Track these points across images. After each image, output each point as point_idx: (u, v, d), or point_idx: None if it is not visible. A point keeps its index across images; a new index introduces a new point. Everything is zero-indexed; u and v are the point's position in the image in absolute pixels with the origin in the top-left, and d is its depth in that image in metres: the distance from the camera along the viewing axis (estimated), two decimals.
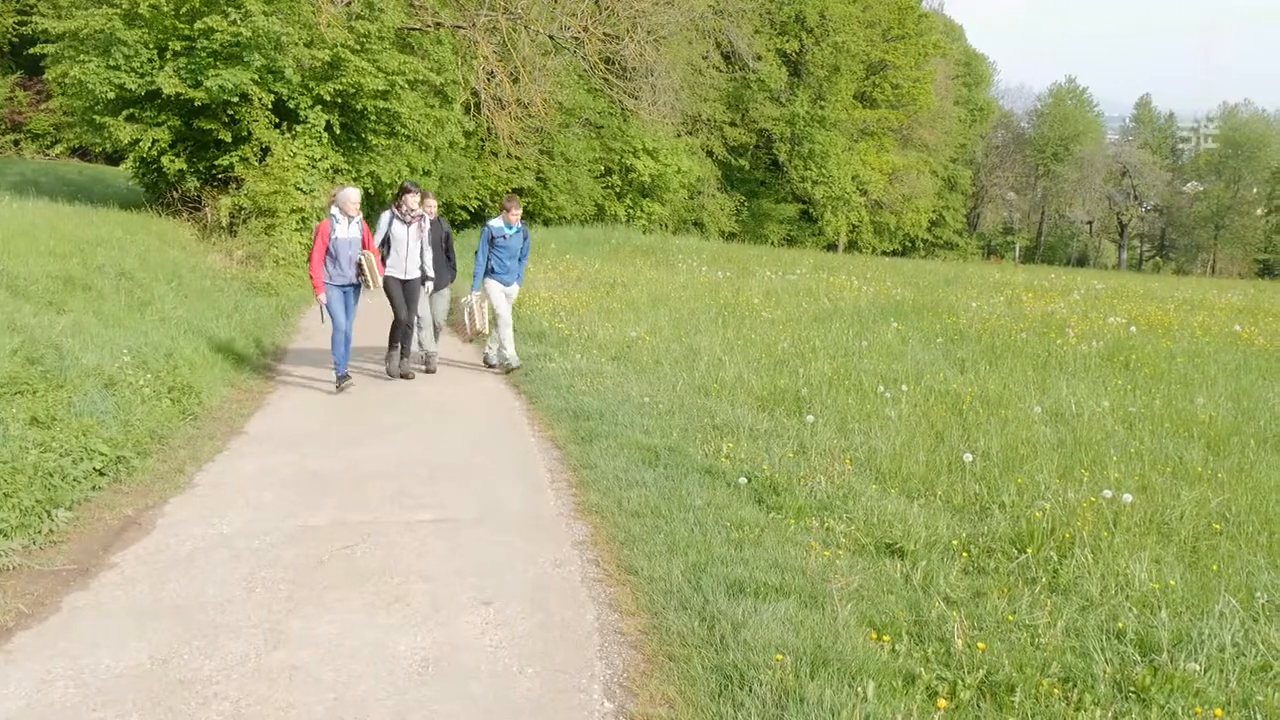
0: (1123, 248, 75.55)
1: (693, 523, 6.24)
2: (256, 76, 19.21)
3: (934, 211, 60.37)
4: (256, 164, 19.72)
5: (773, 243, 46.46)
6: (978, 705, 4.19)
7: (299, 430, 8.84)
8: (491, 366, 12.12)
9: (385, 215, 11.22)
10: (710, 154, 47.05)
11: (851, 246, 53.01)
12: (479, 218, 32.55)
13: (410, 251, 11.21)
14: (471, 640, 4.82)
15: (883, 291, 18.56)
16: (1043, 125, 73.17)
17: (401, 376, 11.33)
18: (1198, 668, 4.46)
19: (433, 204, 11.69)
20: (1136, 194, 72.41)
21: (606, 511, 6.64)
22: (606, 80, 31.41)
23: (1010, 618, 4.93)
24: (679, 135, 41.91)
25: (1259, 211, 71.52)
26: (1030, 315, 15.52)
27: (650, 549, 5.87)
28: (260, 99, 19.31)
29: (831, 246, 50.59)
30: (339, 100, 20.85)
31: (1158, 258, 77.81)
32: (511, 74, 27.70)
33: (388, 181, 23.51)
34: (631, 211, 39.50)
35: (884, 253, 53.50)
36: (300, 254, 18.48)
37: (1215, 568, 5.64)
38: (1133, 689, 4.32)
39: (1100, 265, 70.66)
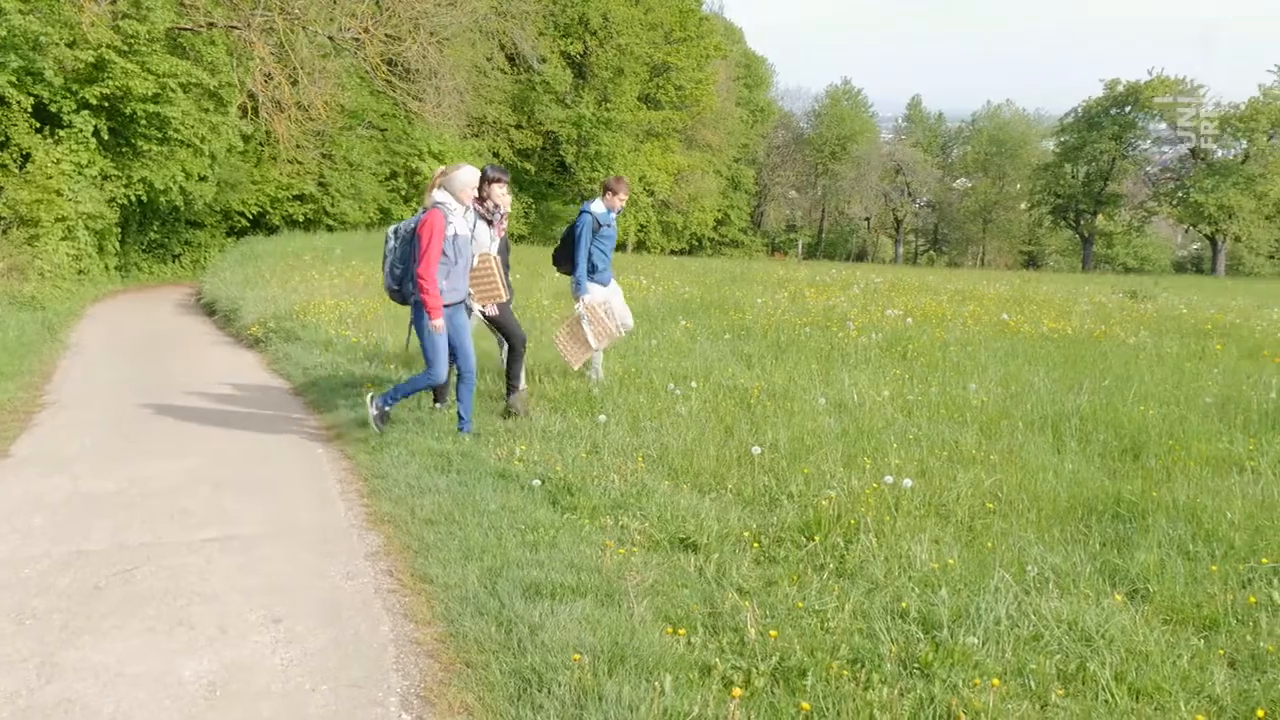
0: (899, 242, 78.44)
1: (487, 527, 6.21)
2: (14, 78, 18.25)
3: (719, 210, 61.52)
4: (17, 171, 18.72)
5: None
6: (772, 691, 4.28)
7: (70, 451, 8.44)
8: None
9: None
10: (497, 156, 46.85)
11: (640, 246, 53.57)
12: (259, 224, 31.62)
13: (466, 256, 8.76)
14: (261, 660, 4.68)
15: (671, 290, 18.81)
16: (821, 125, 75.36)
17: (524, 413, 8.99)
18: (976, 641, 4.65)
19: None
20: (910, 191, 75.30)
21: (399, 520, 6.55)
22: (389, 82, 30.98)
23: (800, 604, 5.05)
24: (465, 137, 41.61)
25: (1023, 206, 75.25)
26: (813, 310, 15.96)
27: (445, 556, 5.81)
28: (19, 102, 18.34)
29: (620, 247, 51.00)
30: (106, 104, 19.96)
31: (931, 251, 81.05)
32: (290, 76, 27.05)
33: (161, 188, 22.65)
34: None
35: (672, 252, 54.27)
36: (67, 265, 17.65)
37: (990, 545, 5.91)
38: (917, 665, 4.48)
39: (878, 260, 73.21)
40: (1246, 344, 13.98)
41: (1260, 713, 4.13)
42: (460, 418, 8.48)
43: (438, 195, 8.27)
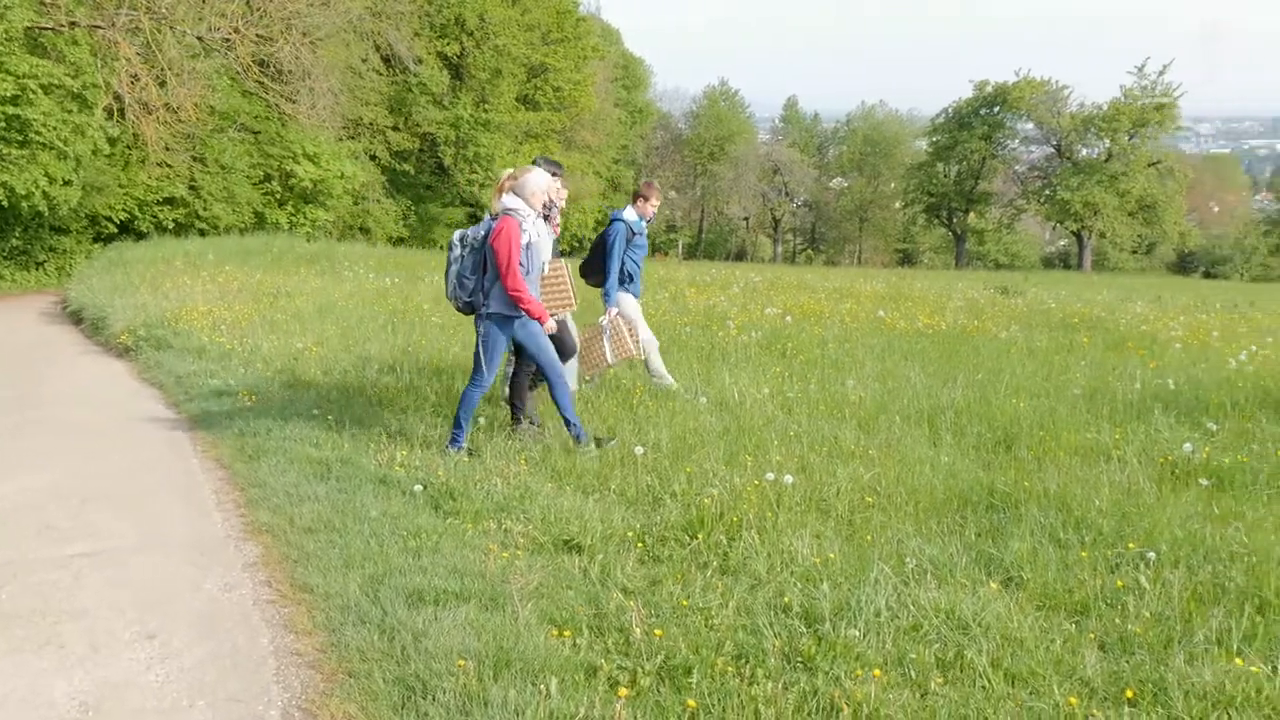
0: (777, 242, 79.33)
1: (368, 534, 6.13)
2: None
3: (600, 212, 61.48)
4: None
5: (442, 247, 46.01)
6: (658, 690, 4.29)
7: None
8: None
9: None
10: (375, 158, 46.25)
11: None
12: (127, 229, 30.76)
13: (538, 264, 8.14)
14: (136, 677, 4.56)
15: None
16: (699, 126, 75.81)
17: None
18: (857, 633, 4.73)
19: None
20: (788, 190, 76.13)
21: (278, 530, 6.43)
22: (261, 83, 30.38)
23: (685, 602, 5.08)
24: (341, 139, 40.98)
25: (897, 205, 76.62)
26: (693, 309, 16.05)
27: (325, 565, 5.73)
28: None
29: None
30: None
31: (809, 250, 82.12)
32: (158, 77, 26.36)
33: (23, 193, 21.91)
34: (294, 219, 38.29)
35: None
36: None
37: (869, 538, 6.01)
38: (800, 659, 4.55)
39: (758, 259, 73.90)
40: (1112, 337, 14.43)
41: (1129, 693, 4.26)
42: (567, 423, 7.99)
43: (508, 201, 7.79)
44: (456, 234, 8.03)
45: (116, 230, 30.63)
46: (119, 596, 5.49)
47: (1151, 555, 5.65)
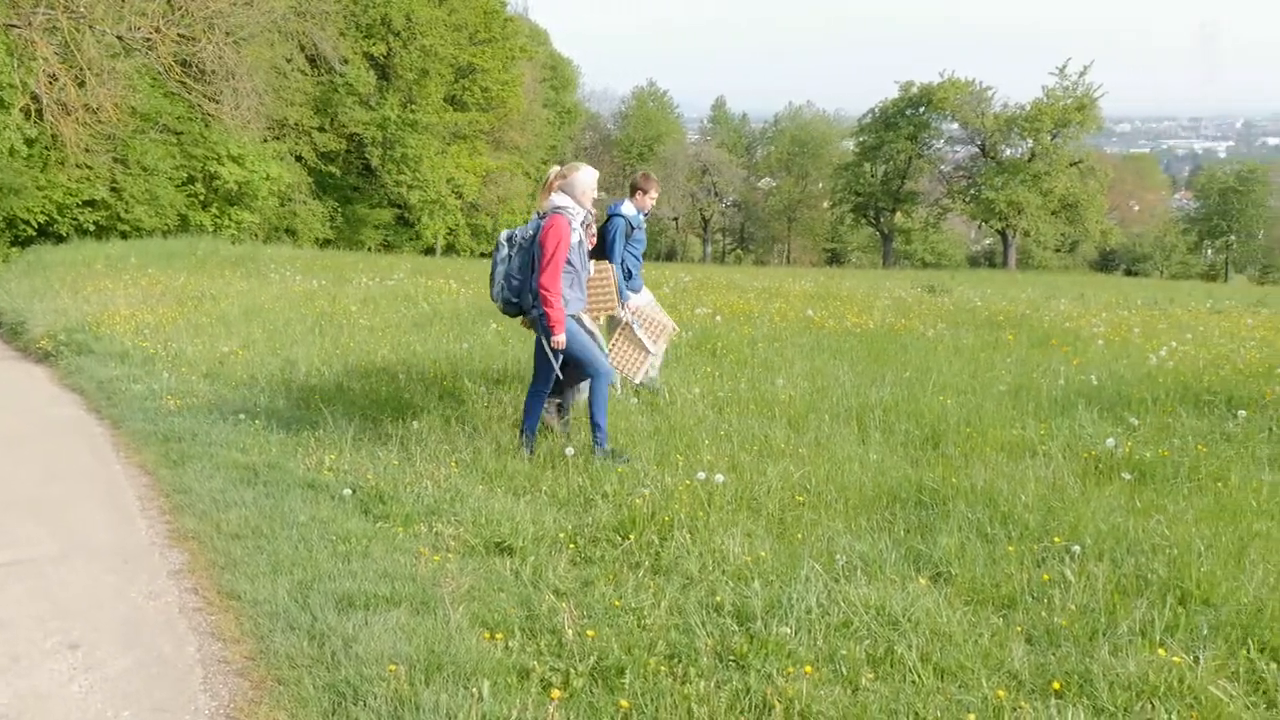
0: (707, 241, 79.62)
1: (297, 540, 6.07)
2: None
3: (529, 213, 61.33)
4: None
5: (370, 248, 45.76)
6: (590, 691, 4.29)
7: None
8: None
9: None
10: (300, 159, 45.77)
11: (450, 249, 53.05)
12: (46, 232, 30.17)
13: (586, 266, 7.96)
14: (58, 689, 4.48)
15: (481, 293, 18.65)
16: (628, 127, 75.98)
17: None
18: (789, 631, 4.76)
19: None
20: (717, 190, 76.46)
21: (204, 536, 6.34)
22: (184, 84, 29.96)
23: (617, 603, 5.08)
24: (266, 140, 40.51)
25: (825, 204, 77.24)
26: None
27: (253, 571, 5.66)
28: None
29: (429, 250, 50.44)
30: None
31: (739, 250, 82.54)
32: (77, 77, 25.91)
33: None
34: (219, 221, 37.79)
35: (482, 254, 53.81)
36: None
37: (800, 536, 6.05)
38: (733, 657, 4.56)
39: (687, 259, 74.18)
40: (1036, 334, 14.63)
41: (1056, 685, 4.32)
42: (528, 427, 7.87)
43: (557, 199, 7.60)
44: (504, 233, 7.79)
45: (35, 233, 30.04)
46: (40, 606, 5.38)
47: (1076, 549, 5.73)
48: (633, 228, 9.30)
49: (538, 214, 7.69)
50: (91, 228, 31.43)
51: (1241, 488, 6.97)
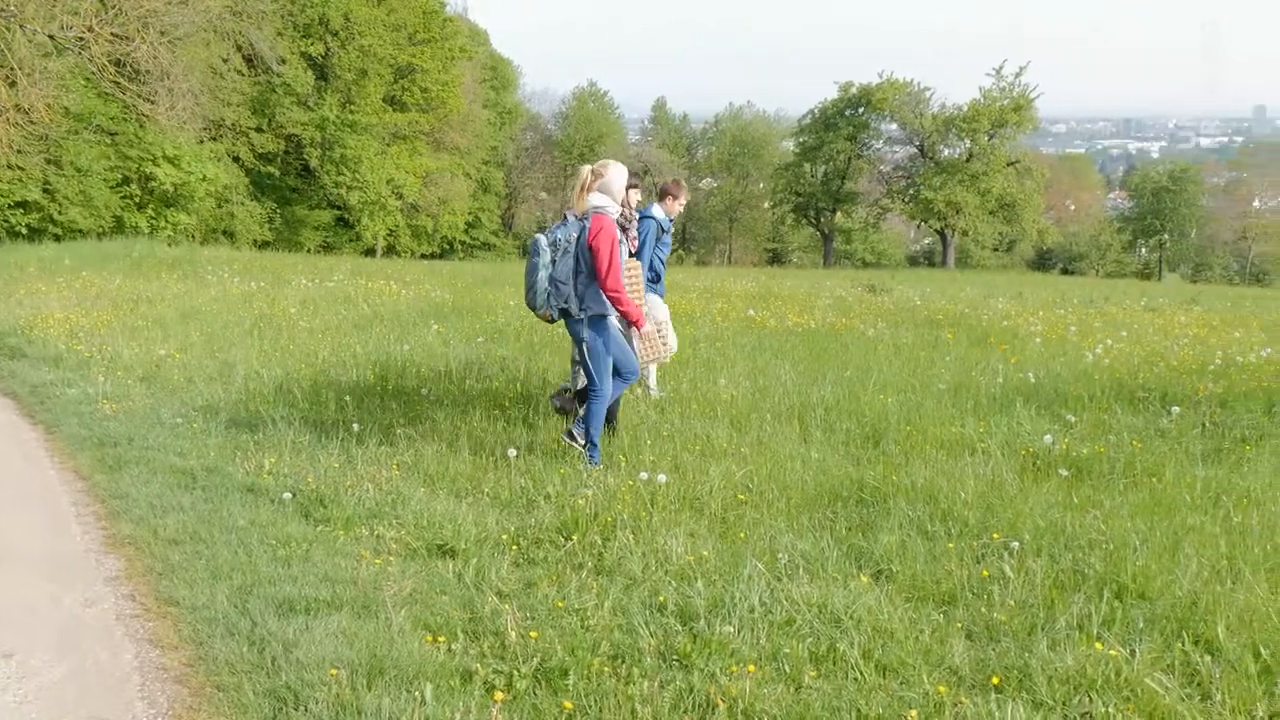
0: None
1: (236, 544, 6.00)
2: None
3: (470, 213, 61.09)
4: None
5: (309, 250, 45.35)
6: (534, 693, 4.29)
7: None
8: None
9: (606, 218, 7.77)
10: (238, 160, 45.32)
11: (390, 251, 52.73)
12: None
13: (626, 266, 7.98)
14: None
15: (422, 294, 18.61)
16: (568, 127, 75.77)
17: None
18: (732, 630, 4.78)
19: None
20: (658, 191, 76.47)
21: (141, 542, 6.25)
22: (118, 84, 29.54)
23: (560, 604, 5.07)
24: (202, 141, 40.06)
25: (766, 205, 77.52)
26: None
27: (191, 577, 5.59)
28: None
29: (370, 251, 50.08)
30: None
31: (680, 250, 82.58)
32: (8, 77, 25.49)
33: None
34: (155, 223, 37.34)
35: (423, 256, 53.58)
36: None
37: (743, 535, 6.07)
38: (676, 657, 4.58)
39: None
40: (975, 332, 14.79)
41: (995, 680, 4.37)
42: (588, 434, 7.62)
43: (596, 199, 7.51)
44: (543, 238, 7.54)
45: None
46: None
47: (1015, 545, 5.80)
48: (663, 230, 9.36)
49: (575, 215, 7.54)
50: (24, 230, 30.95)
51: (1175, 483, 7.08)
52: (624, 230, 8.05)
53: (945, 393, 9.93)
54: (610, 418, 8.12)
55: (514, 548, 5.95)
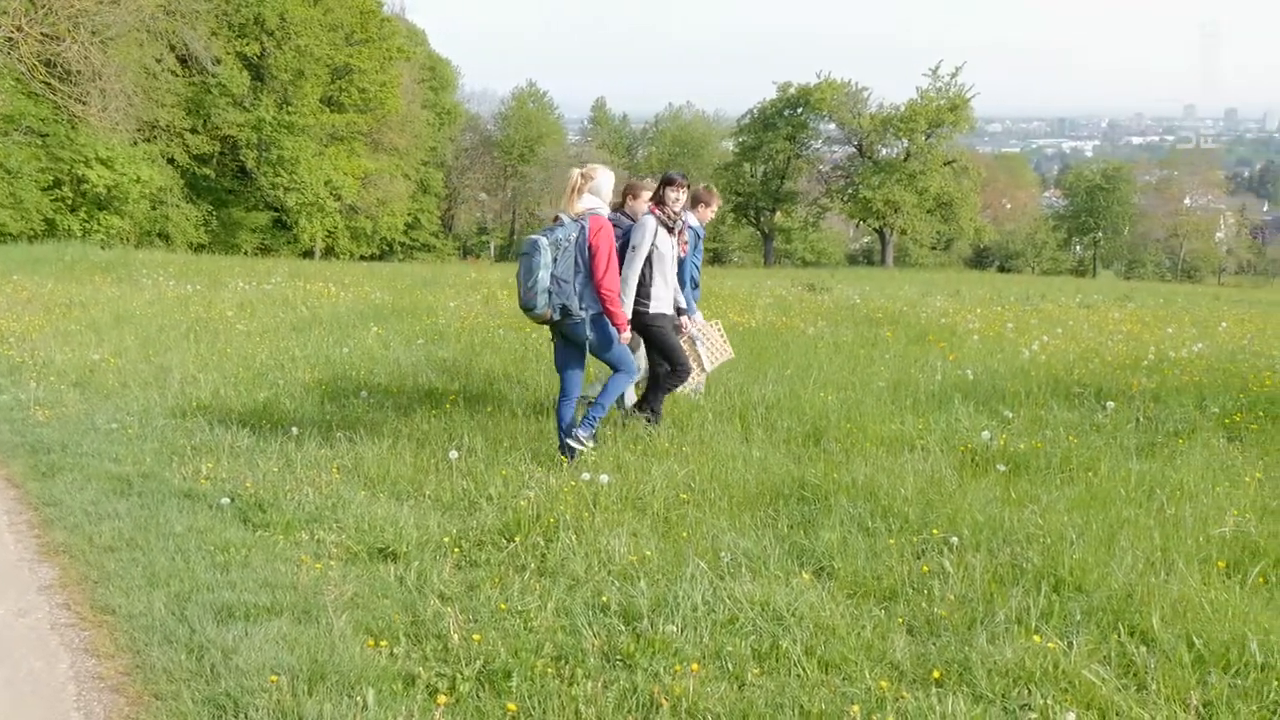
0: None
1: (174, 551, 5.92)
2: None
3: (410, 214, 60.78)
4: None
5: (246, 252, 44.93)
6: (477, 696, 4.26)
7: None
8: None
9: (649, 220, 8.32)
10: (172, 162, 44.78)
11: (329, 252, 52.32)
12: None
13: (672, 272, 8.44)
14: None
15: (362, 296, 18.48)
16: (508, 128, 75.57)
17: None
18: (675, 629, 4.78)
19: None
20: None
21: (76, 550, 6.15)
22: (49, 84, 29.12)
23: (503, 606, 5.06)
24: (136, 143, 39.55)
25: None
26: (506, 311, 16.00)
27: (128, 584, 5.50)
28: None
29: (308, 253, 49.66)
30: None
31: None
32: None
33: None
34: (88, 225, 36.83)
35: (362, 257, 53.21)
36: None
37: (685, 534, 6.08)
38: (620, 657, 4.57)
39: None
40: (913, 330, 14.93)
41: (936, 674, 4.41)
42: (569, 432, 7.74)
43: (590, 201, 7.66)
44: (541, 238, 7.52)
45: None
46: None
47: (954, 540, 5.86)
48: (698, 237, 9.36)
49: (570, 217, 7.59)
50: None
51: (1111, 477, 7.19)
52: (670, 231, 8.38)
53: (885, 390, 10.01)
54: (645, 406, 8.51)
55: (456, 550, 5.92)
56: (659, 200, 8.43)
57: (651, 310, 8.33)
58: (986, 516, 6.25)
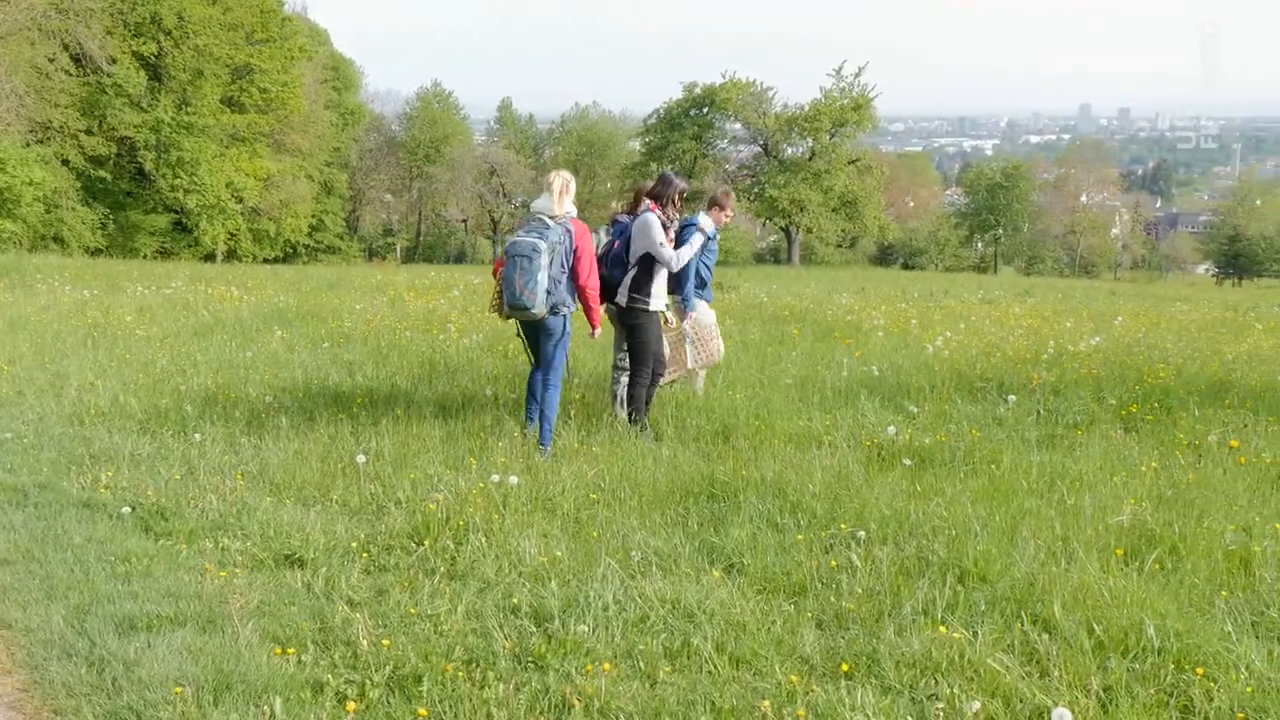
0: (497, 243, 79.08)
1: (73, 562, 5.78)
2: None
3: (314, 216, 59.97)
4: None
5: (146, 256, 44.03)
6: (387, 701, 4.24)
7: None
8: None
9: (652, 217, 8.59)
10: (67, 164, 43.67)
11: (231, 256, 51.40)
12: None
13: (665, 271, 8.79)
14: None
15: (265, 299, 18.21)
16: (413, 128, 74.97)
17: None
18: (587, 629, 4.79)
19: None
20: (505, 192, 76.11)
21: None
22: None
23: (413, 610, 5.02)
24: (28, 144, 38.56)
25: (614, 204, 77.78)
26: (413, 313, 15.88)
27: (25, 598, 5.36)
28: None
29: (210, 256, 48.75)
30: None
31: None
32: None
33: None
34: None
35: (266, 260, 52.37)
36: None
37: (596, 534, 6.09)
38: (531, 659, 4.57)
39: (477, 261, 73.63)
40: (820, 328, 15.09)
41: (845, 667, 4.46)
42: (543, 429, 8.20)
43: (570, 206, 8.04)
44: (537, 240, 7.78)
45: None
46: None
47: (862, 534, 5.94)
48: (709, 238, 9.41)
49: (553, 219, 7.91)
50: None
51: (1013, 469, 7.34)
52: (666, 231, 8.69)
53: (792, 387, 10.10)
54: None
55: (364, 555, 5.86)
56: (659, 199, 8.74)
57: (651, 308, 8.69)
58: (893, 510, 6.34)
